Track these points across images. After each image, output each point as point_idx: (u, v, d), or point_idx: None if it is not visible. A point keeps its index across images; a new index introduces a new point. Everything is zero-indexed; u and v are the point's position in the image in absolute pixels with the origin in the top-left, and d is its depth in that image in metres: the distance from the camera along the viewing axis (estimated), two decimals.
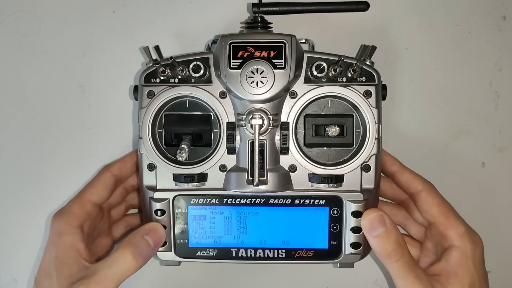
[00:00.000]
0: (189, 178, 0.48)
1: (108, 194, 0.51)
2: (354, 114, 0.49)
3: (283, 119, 0.48)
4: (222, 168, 0.49)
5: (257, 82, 0.46)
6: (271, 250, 0.50)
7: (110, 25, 0.55)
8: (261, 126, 0.46)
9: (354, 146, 0.49)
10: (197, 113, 0.49)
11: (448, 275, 0.45)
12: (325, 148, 0.49)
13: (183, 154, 0.47)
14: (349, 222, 0.48)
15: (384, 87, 0.49)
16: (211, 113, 0.49)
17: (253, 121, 0.46)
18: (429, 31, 0.55)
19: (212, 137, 0.49)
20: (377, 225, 0.45)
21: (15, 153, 0.55)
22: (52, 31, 0.54)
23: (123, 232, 0.55)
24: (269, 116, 0.47)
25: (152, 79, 0.48)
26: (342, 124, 0.48)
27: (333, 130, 0.47)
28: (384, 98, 0.49)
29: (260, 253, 0.50)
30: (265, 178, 0.47)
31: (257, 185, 0.46)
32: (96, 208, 0.49)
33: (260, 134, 0.47)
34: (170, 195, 0.49)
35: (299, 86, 0.48)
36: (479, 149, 0.55)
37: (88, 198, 0.49)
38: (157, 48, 0.48)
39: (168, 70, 0.48)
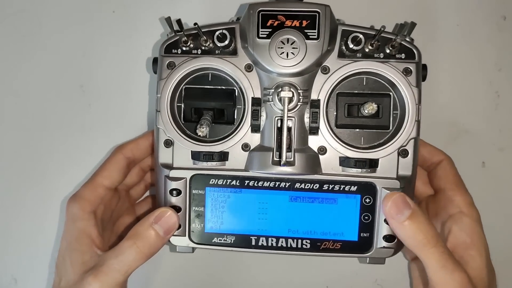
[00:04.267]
0: (209, 156, 0.44)
1: (121, 177, 0.48)
2: (391, 93, 0.44)
3: (314, 96, 0.44)
4: (245, 147, 0.45)
5: (287, 53, 0.43)
6: (295, 240, 0.46)
7: (110, 25, 0.54)
8: (290, 99, 0.42)
9: (390, 128, 0.44)
10: (220, 87, 0.45)
11: (466, 247, 0.42)
12: (357, 130, 0.44)
13: (204, 129, 0.43)
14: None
15: (424, 67, 0.44)
16: (235, 88, 0.45)
17: (282, 94, 0.42)
18: (429, 31, 0.53)
19: (235, 114, 0.45)
20: (402, 208, 0.40)
21: (15, 153, 0.55)
22: (52, 31, 0.54)
23: (147, 209, 0.52)
24: (298, 91, 0.43)
25: (173, 50, 0.45)
26: (378, 104, 0.44)
27: (370, 108, 0.42)
28: (424, 79, 0.44)
29: (282, 242, 0.46)
30: (292, 159, 0.43)
31: (284, 164, 0.42)
32: (110, 191, 0.47)
33: (288, 110, 0.43)
34: (187, 174, 0.45)
35: (332, 61, 0.44)
36: (479, 149, 0.54)
37: (100, 182, 0.46)
38: (179, 22, 0.44)
39: (191, 41, 0.44)
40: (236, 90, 0.45)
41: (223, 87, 0.45)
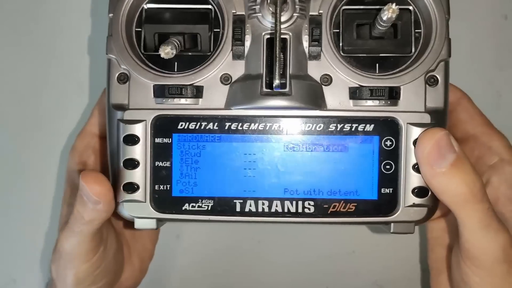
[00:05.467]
0: (177, 89, 0.33)
1: None
2: (411, 7, 0.35)
3: (313, 10, 0.34)
4: (225, 80, 0.34)
5: None
6: (293, 202, 0.34)
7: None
8: (284, 1, 0.32)
9: (412, 52, 0.34)
10: (192, 6, 0.35)
11: (507, 202, 0.36)
12: (371, 55, 0.34)
13: (169, 49, 0.32)
14: (410, 157, 0.33)
15: None
16: (211, 6, 0.35)
17: None
18: None
19: (212, 40, 0.35)
20: (445, 151, 0.31)
21: (14, 153, 0.52)
22: (51, 30, 0.51)
23: None
24: None
25: None
26: (394, 22, 0.34)
27: (390, 11, 0.31)
28: None
29: (277, 206, 0.34)
30: (287, 86, 0.33)
31: (277, 86, 0.31)
32: (100, 139, 0.41)
33: (281, 22, 0.33)
34: (147, 116, 0.34)
35: None
36: None
37: (89, 130, 0.41)
38: None
39: None
40: (213, 9, 0.35)
41: (196, 6, 0.35)
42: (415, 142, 0.33)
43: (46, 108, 0.51)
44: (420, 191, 0.33)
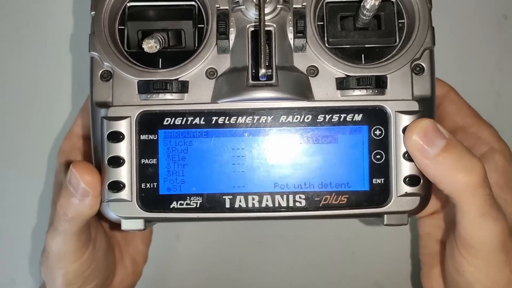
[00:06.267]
0: (162, 85, 0.33)
1: None
2: None
3: (297, 3, 0.34)
4: (211, 75, 0.34)
5: None
6: (284, 196, 0.33)
7: None
8: None
9: (397, 42, 0.34)
10: (175, 3, 0.35)
11: (500, 190, 0.35)
12: (355, 46, 0.34)
13: (152, 43, 0.32)
14: (400, 145, 0.33)
15: None
16: (194, 3, 0.35)
17: None
18: None
19: (196, 36, 0.35)
20: (434, 137, 0.31)
21: (14, 153, 0.52)
22: (51, 30, 0.51)
23: None
24: None
25: None
26: (377, 14, 0.34)
27: (372, 1, 0.32)
28: None
29: (267, 201, 0.33)
30: (273, 78, 0.32)
31: (263, 76, 0.30)
32: (85, 140, 0.41)
33: (266, 14, 0.33)
34: (132, 112, 0.33)
35: None
36: None
37: (75, 131, 0.41)
38: None
39: None
40: (196, 5, 0.35)
41: (179, 3, 0.35)
42: (404, 130, 0.32)
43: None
44: (412, 180, 0.32)
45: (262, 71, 0.30)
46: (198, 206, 0.33)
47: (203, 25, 0.35)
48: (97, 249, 0.37)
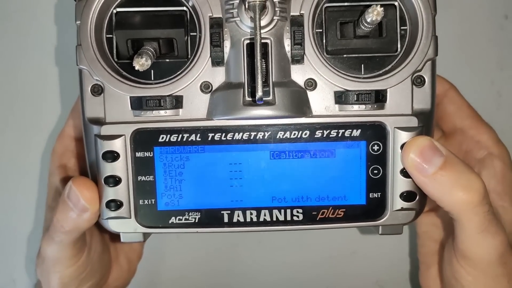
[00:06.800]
0: (156, 102, 0.32)
1: None
2: (396, 2, 0.33)
3: (294, 11, 0.32)
4: (205, 88, 0.32)
5: None
6: (282, 210, 0.34)
7: None
8: (263, 6, 0.30)
9: (398, 51, 0.33)
10: (165, 8, 0.33)
11: (497, 197, 0.35)
12: (355, 55, 0.33)
13: (143, 60, 0.30)
14: (398, 161, 0.32)
15: None
16: (186, 8, 0.33)
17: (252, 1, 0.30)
18: None
19: (189, 44, 0.33)
20: (431, 156, 0.30)
21: (14, 153, 0.51)
22: (51, 30, 0.50)
23: None
24: (274, 1, 0.31)
25: None
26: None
27: (375, 13, 0.30)
28: None
29: (265, 215, 0.34)
30: (270, 95, 0.31)
31: (259, 99, 0.29)
32: (78, 141, 0.40)
33: (262, 27, 0.31)
34: (126, 130, 0.32)
35: None
36: None
37: (68, 132, 0.40)
38: None
39: None
40: (188, 12, 0.33)
41: (170, 8, 0.33)
42: (402, 147, 0.32)
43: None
44: (408, 196, 0.33)
45: (259, 94, 0.29)
46: (196, 221, 0.34)
47: (195, 33, 0.33)
48: (93, 252, 0.37)
